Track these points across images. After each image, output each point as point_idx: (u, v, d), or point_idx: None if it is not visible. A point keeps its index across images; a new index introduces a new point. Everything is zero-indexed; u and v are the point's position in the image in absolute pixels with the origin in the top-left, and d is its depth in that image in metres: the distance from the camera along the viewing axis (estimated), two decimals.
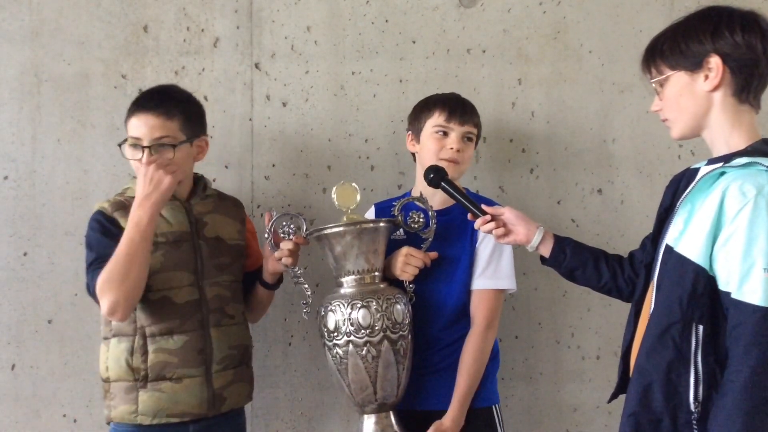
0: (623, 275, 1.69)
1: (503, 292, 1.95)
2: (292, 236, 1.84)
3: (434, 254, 1.90)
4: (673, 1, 2.38)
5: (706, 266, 1.34)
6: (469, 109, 1.98)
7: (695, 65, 1.42)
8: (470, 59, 2.34)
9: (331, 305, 1.80)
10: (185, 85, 2.13)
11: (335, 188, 1.86)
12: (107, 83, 2.23)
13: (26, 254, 2.19)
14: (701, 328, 1.35)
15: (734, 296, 1.30)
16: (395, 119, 2.31)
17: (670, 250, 1.41)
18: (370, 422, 1.84)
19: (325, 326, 1.81)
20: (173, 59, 2.25)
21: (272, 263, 1.90)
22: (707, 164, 1.46)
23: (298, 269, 1.88)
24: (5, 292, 2.17)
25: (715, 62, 1.40)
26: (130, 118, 1.84)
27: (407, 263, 1.87)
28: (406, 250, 1.88)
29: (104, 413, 1.85)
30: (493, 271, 1.92)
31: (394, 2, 2.32)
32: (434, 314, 1.91)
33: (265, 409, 2.26)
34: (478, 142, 2.04)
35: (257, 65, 2.29)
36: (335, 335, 1.79)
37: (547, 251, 1.73)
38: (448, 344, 1.92)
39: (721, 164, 1.40)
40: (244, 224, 2.01)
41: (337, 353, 1.80)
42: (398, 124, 2.30)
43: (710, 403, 1.33)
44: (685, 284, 1.35)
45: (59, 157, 2.20)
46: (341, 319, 1.78)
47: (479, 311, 1.90)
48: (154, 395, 1.79)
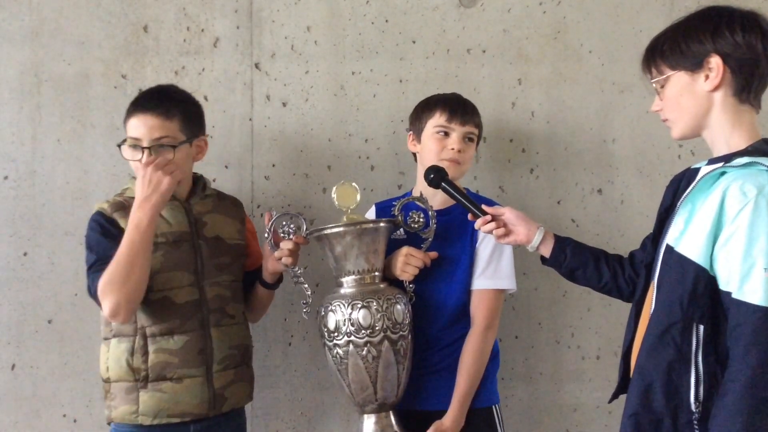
0: (624, 275, 1.69)
1: (503, 292, 1.95)
2: (292, 236, 1.84)
3: (434, 254, 1.90)
4: (673, 1, 2.38)
5: (706, 266, 1.34)
6: (470, 109, 1.98)
7: (696, 65, 1.42)
8: (470, 59, 2.34)
9: (331, 305, 1.80)
10: (185, 85, 2.13)
11: (335, 188, 1.86)
12: (107, 83, 2.23)
13: (26, 254, 2.18)
14: (702, 328, 1.35)
15: (735, 296, 1.30)
16: (395, 119, 2.31)
17: (670, 250, 1.41)
18: (370, 422, 1.84)
19: (325, 326, 1.81)
20: (173, 59, 2.25)
21: (272, 263, 1.90)
22: (708, 164, 1.46)
23: (298, 269, 1.88)
24: (5, 292, 2.17)
25: (715, 62, 1.40)
26: (129, 118, 1.83)
27: (407, 263, 1.87)
28: (406, 250, 1.88)
29: (105, 413, 1.85)
30: (493, 271, 1.92)
31: (394, 2, 2.32)
32: (434, 314, 1.91)
33: (265, 409, 2.26)
34: (479, 142, 2.04)
35: (257, 65, 2.29)
36: (335, 335, 1.79)
37: (547, 251, 1.73)
38: (448, 344, 1.91)
39: (721, 164, 1.40)
40: (243, 224, 2.00)
41: (337, 353, 1.80)
42: (398, 124, 2.30)
43: (711, 403, 1.32)
44: (685, 284, 1.35)
45: (59, 157, 2.20)
46: (342, 319, 1.78)
47: (479, 311, 1.90)
48: (154, 395, 1.78)
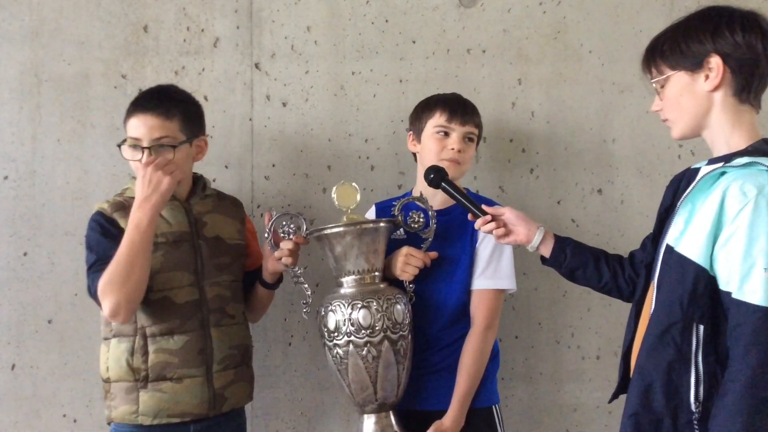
0: (624, 275, 1.69)
1: (503, 292, 1.95)
2: (292, 236, 1.84)
3: (434, 254, 1.89)
4: (673, 1, 2.38)
5: (706, 266, 1.34)
6: (470, 109, 1.98)
7: (696, 65, 1.42)
8: (470, 59, 2.34)
9: (331, 305, 1.80)
10: (185, 85, 2.13)
11: (335, 188, 1.86)
12: (107, 83, 2.23)
13: (26, 254, 2.18)
14: (702, 328, 1.34)
15: (735, 296, 1.30)
16: (395, 119, 2.30)
17: (670, 250, 1.41)
18: (370, 422, 1.84)
19: (325, 326, 1.81)
20: (173, 59, 2.25)
21: (272, 263, 1.90)
22: (708, 164, 1.46)
23: (298, 269, 1.88)
24: (5, 292, 2.17)
25: (715, 62, 1.40)
26: (129, 118, 1.83)
27: (407, 263, 1.87)
28: (406, 250, 1.88)
29: (105, 413, 1.85)
30: (493, 271, 1.92)
31: (394, 2, 2.32)
32: (434, 314, 1.91)
33: (265, 409, 2.26)
34: (479, 142, 2.04)
35: (257, 65, 2.29)
36: (335, 335, 1.79)
37: (547, 251, 1.73)
38: (448, 344, 1.91)
39: (721, 164, 1.40)
40: (243, 224, 2.00)
41: (337, 353, 1.80)
42: (398, 124, 2.30)
43: (711, 403, 1.32)
44: (685, 284, 1.35)
45: (59, 157, 2.20)
46: (342, 319, 1.77)
47: (479, 311, 1.90)
48: (154, 395, 1.78)
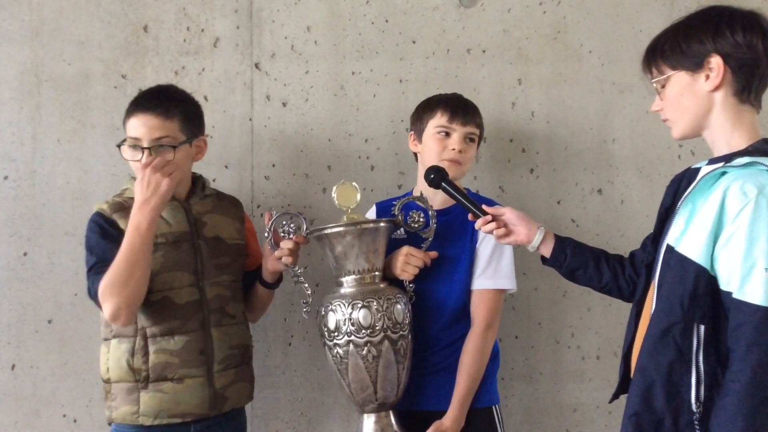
0: (624, 275, 1.69)
1: (503, 292, 1.95)
2: (292, 235, 1.84)
3: (434, 254, 1.89)
4: (673, 1, 2.38)
5: (707, 266, 1.34)
6: (471, 109, 1.98)
7: (696, 65, 1.42)
8: (470, 59, 2.34)
9: (331, 305, 1.80)
10: (185, 85, 2.13)
11: (335, 187, 1.86)
12: (107, 83, 2.22)
13: (26, 254, 2.18)
14: (702, 328, 1.34)
15: (735, 296, 1.30)
16: (395, 119, 2.30)
17: (671, 250, 1.41)
18: (369, 421, 1.84)
19: (325, 326, 1.81)
20: (173, 59, 2.25)
21: (272, 262, 1.90)
22: (708, 164, 1.46)
23: (298, 268, 1.88)
24: (5, 292, 2.17)
25: (716, 62, 1.40)
26: (129, 118, 1.82)
27: (407, 263, 1.87)
28: (406, 249, 1.88)
29: (105, 414, 1.84)
30: (493, 271, 1.91)
31: (394, 2, 2.32)
32: (434, 314, 1.91)
33: (265, 409, 2.25)
34: (480, 142, 2.04)
35: (257, 65, 2.28)
36: (336, 335, 1.79)
37: (547, 251, 1.73)
38: (448, 344, 1.91)
39: (722, 164, 1.40)
40: (243, 223, 2.00)
41: (337, 353, 1.80)
42: (398, 124, 2.30)
43: (712, 403, 1.32)
44: (686, 284, 1.35)
45: (59, 157, 2.20)
46: (342, 318, 1.77)
47: (479, 311, 1.90)
48: (155, 396, 1.78)
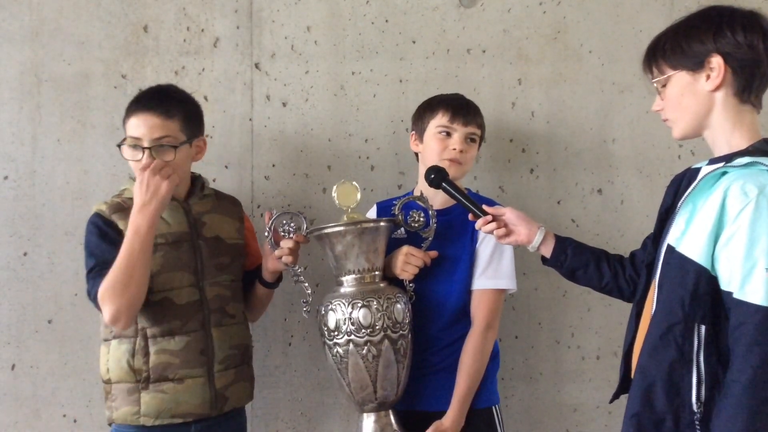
0: (624, 275, 1.69)
1: (503, 292, 1.95)
2: (292, 235, 1.84)
3: (434, 253, 1.89)
4: (673, 1, 2.38)
5: (708, 266, 1.34)
6: (472, 110, 1.98)
7: (697, 65, 1.42)
8: (470, 59, 2.34)
9: (331, 304, 1.80)
10: (185, 85, 2.13)
11: (336, 187, 1.86)
12: (107, 83, 2.22)
13: (26, 254, 2.18)
14: (703, 328, 1.34)
15: (736, 296, 1.30)
16: (395, 119, 2.30)
17: (671, 250, 1.40)
18: (369, 421, 1.84)
19: (325, 325, 1.81)
20: (173, 59, 2.25)
21: (272, 262, 1.90)
22: (708, 164, 1.46)
23: (298, 268, 1.88)
24: (5, 292, 2.17)
25: (716, 62, 1.40)
26: (129, 117, 1.82)
27: (407, 262, 1.87)
28: (406, 249, 1.88)
29: (105, 414, 1.84)
30: (493, 271, 1.91)
31: (394, 2, 2.32)
32: (434, 314, 1.91)
33: (265, 409, 2.25)
34: (481, 143, 2.04)
35: (257, 65, 2.28)
36: (336, 334, 1.79)
37: (548, 251, 1.73)
38: (448, 344, 1.91)
39: (722, 164, 1.40)
40: (242, 223, 2.00)
41: (337, 352, 1.80)
42: (398, 124, 2.30)
43: (713, 403, 1.32)
44: (686, 284, 1.35)
45: (59, 157, 2.20)
46: (342, 318, 1.77)
47: (479, 311, 1.90)
48: (156, 396, 1.78)
